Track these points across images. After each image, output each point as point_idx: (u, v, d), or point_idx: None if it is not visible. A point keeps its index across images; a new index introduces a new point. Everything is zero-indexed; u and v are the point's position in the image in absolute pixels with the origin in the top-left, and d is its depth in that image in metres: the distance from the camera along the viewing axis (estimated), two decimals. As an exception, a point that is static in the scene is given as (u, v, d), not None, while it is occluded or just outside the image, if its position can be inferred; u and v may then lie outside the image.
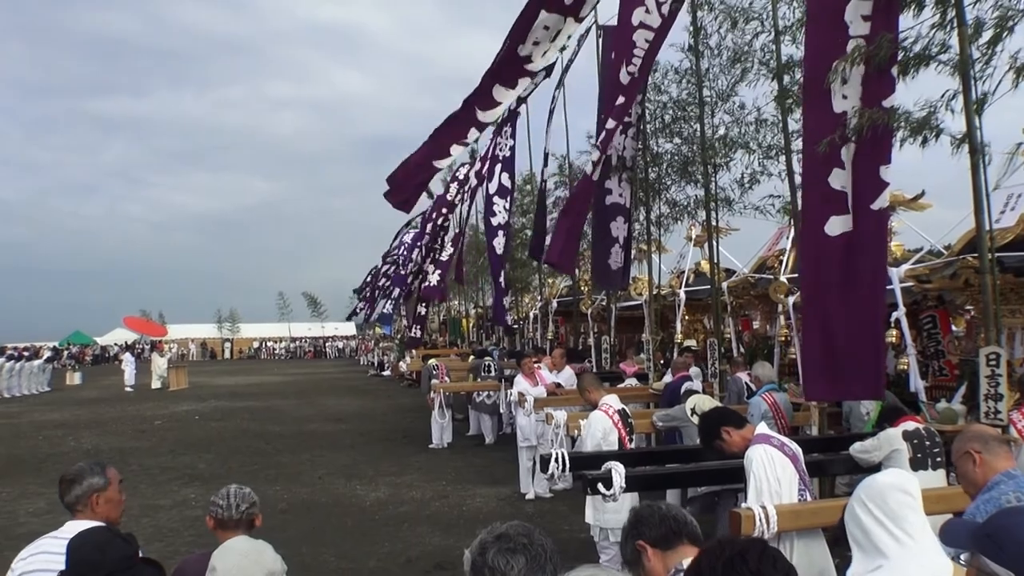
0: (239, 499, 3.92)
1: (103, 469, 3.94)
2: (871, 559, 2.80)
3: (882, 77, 6.40)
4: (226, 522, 3.87)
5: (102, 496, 3.84)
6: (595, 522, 7.48)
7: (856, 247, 6.56)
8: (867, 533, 2.83)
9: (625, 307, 17.23)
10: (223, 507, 3.90)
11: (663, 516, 3.09)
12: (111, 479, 3.92)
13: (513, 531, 2.31)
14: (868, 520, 2.83)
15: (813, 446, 7.24)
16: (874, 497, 2.86)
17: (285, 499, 11.84)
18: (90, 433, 20.00)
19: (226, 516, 3.87)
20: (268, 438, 18.28)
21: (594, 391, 8.25)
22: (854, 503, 2.92)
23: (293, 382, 37.78)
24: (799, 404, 9.51)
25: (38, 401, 30.69)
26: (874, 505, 2.83)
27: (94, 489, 3.83)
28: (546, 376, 12.87)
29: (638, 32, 10.21)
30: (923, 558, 2.75)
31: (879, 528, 2.80)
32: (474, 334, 35.29)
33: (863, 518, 2.85)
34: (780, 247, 15.13)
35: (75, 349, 64.86)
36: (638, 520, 3.12)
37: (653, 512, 3.12)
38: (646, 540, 3.05)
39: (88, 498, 3.82)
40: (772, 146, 10.87)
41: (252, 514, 3.93)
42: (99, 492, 3.84)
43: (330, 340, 78.06)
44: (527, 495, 11.59)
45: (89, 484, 3.83)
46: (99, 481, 3.86)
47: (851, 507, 2.94)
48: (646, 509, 3.16)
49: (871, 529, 2.81)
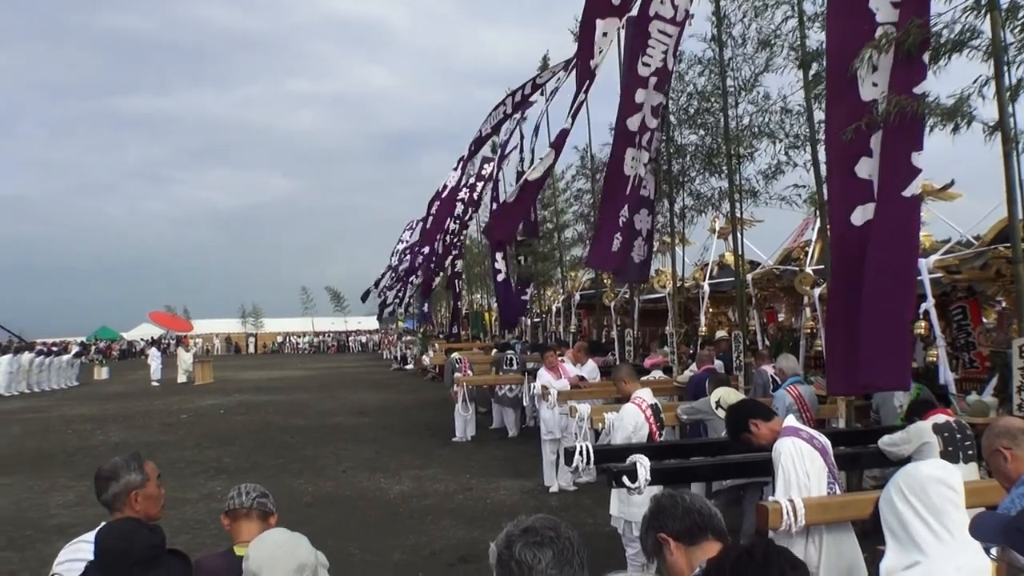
0: (248, 488, 3.87)
1: (140, 464, 3.73)
2: (907, 553, 2.67)
3: (912, 64, 6.28)
4: (238, 511, 3.80)
5: (140, 493, 3.64)
6: (620, 514, 7.43)
7: (884, 235, 6.43)
8: (905, 526, 2.70)
9: (648, 300, 17.16)
10: (234, 497, 3.84)
11: (687, 508, 2.95)
12: (149, 474, 3.72)
13: (540, 524, 2.27)
14: (907, 512, 2.70)
15: (841, 439, 7.15)
16: (915, 489, 2.72)
17: (310, 492, 11.88)
18: (118, 427, 20.15)
19: (238, 504, 3.80)
20: (292, 432, 18.35)
21: (629, 383, 8.12)
22: (892, 493, 2.79)
23: (317, 376, 37.93)
24: (825, 397, 9.42)
25: (67, 395, 30.98)
26: (915, 497, 2.70)
27: (132, 486, 3.63)
28: (569, 369, 12.82)
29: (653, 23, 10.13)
30: (962, 557, 2.61)
31: (918, 522, 2.67)
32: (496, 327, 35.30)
33: (902, 510, 2.72)
34: (805, 238, 15.02)
35: (102, 344, 65.43)
36: (660, 511, 2.99)
37: (676, 503, 2.98)
38: (668, 533, 2.93)
39: (127, 496, 3.62)
40: (798, 135, 10.74)
41: (264, 504, 3.84)
42: (137, 489, 3.64)
43: (353, 334, 78.36)
44: (551, 488, 11.56)
45: (127, 481, 3.63)
46: (137, 478, 3.65)
47: (889, 496, 2.81)
48: (668, 499, 3.02)
49: (909, 522, 2.69)
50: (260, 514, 3.82)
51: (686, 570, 2.84)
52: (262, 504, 3.84)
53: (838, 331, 6.88)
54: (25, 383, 32.52)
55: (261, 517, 3.81)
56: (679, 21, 10.21)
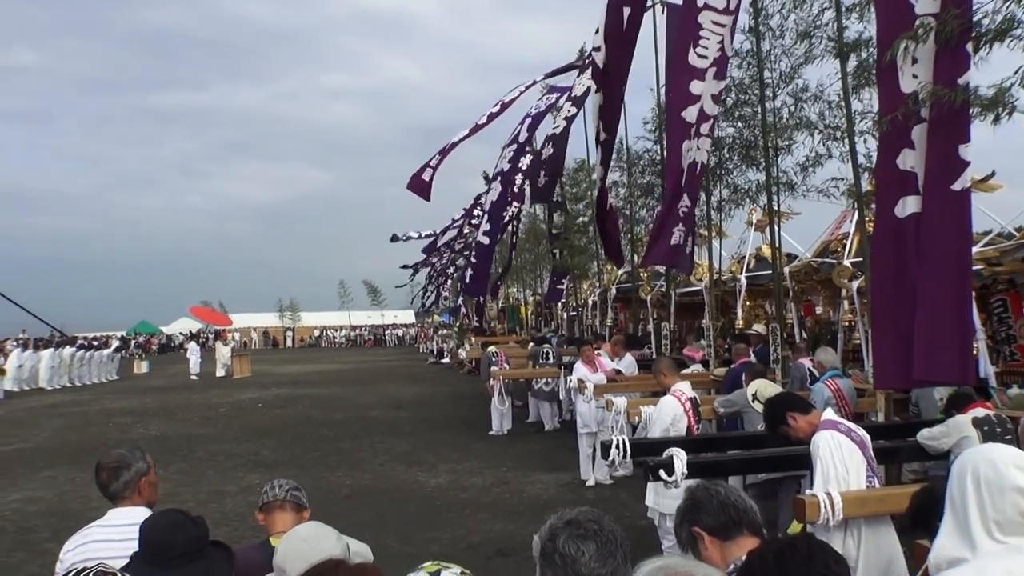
0: (282, 481, 3.96)
1: (142, 453, 3.98)
2: (958, 540, 2.51)
3: (955, 54, 6.20)
4: (272, 504, 3.87)
5: (146, 479, 3.87)
6: (655, 506, 7.44)
7: (935, 229, 6.35)
8: (967, 513, 2.52)
9: (685, 293, 17.11)
10: (267, 490, 3.92)
11: (722, 503, 2.92)
12: (150, 462, 3.96)
13: (583, 517, 2.28)
14: (974, 505, 2.51)
15: (879, 433, 7.10)
16: (992, 489, 2.50)
17: (347, 485, 11.97)
18: (157, 420, 20.40)
19: (271, 498, 3.88)
20: (330, 425, 18.49)
21: (669, 375, 8.10)
22: (969, 475, 2.57)
23: (354, 370, 38.14)
24: (863, 391, 9.35)
25: (107, 389, 31.40)
26: (988, 495, 2.50)
27: (141, 473, 3.86)
28: (606, 363, 12.81)
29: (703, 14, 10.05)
30: (1012, 560, 2.43)
31: (979, 519, 2.49)
32: (532, 321, 35.33)
33: (970, 500, 2.53)
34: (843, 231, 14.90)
35: (142, 338, 66.15)
36: (695, 504, 2.97)
37: (711, 497, 2.95)
38: (703, 527, 2.91)
39: (137, 483, 3.83)
40: (836, 127, 10.65)
41: (297, 497, 3.90)
42: (144, 476, 3.87)
43: (390, 328, 78.63)
44: (587, 482, 11.57)
45: (137, 470, 3.85)
46: (143, 465, 3.89)
47: (963, 473, 2.60)
48: (703, 492, 2.99)
49: (971, 515, 2.50)
50: (294, 506, 3.89)
51: (720, 565, 2.79)
52: (295, 497, 3.91)
53: (884, 323, 6.80)
54: (67, 377, 33.03)
55: (295, 509, 3.88)
56: (731, 10, 10.12)
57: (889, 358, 6.75)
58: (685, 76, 10.23)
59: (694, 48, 10.07)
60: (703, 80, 10.17)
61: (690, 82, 10.18)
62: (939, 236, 6.33)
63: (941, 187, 6.28)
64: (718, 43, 10.12)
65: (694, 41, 10.08)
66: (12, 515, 10.78)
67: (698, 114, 10.18)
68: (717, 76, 10.23)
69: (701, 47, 10.07)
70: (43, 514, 10.78)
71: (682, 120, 10.20)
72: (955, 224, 6.34)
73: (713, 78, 10.18)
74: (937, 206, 6.33)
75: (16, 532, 9.96)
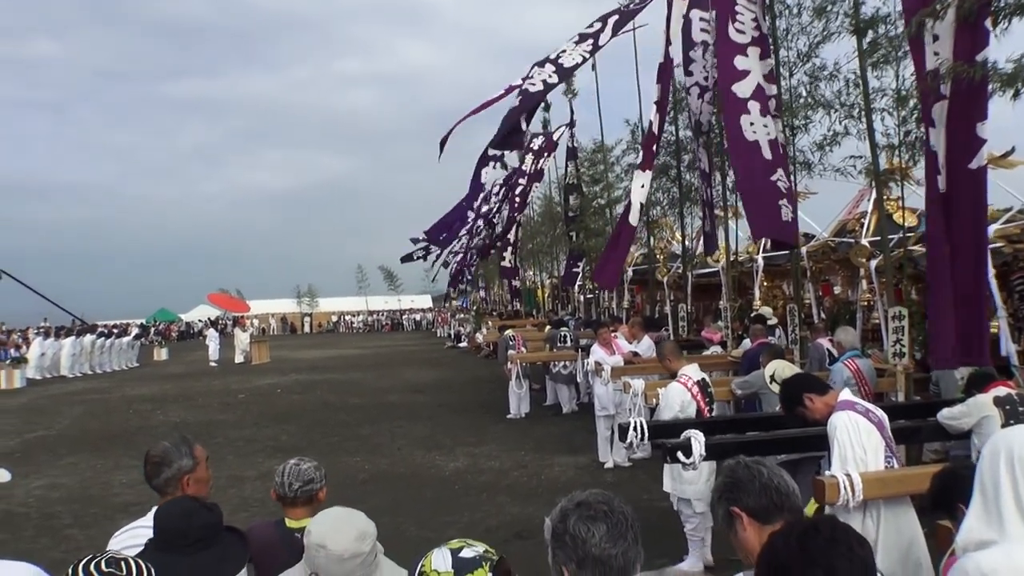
0: (292, 477, 3.87)
1: (191, 448, 3.73)
2: (988, 524, 2.45)
3: (974, 30, 6.13)
4: (284, 498, 3.86)
5: (191, 477, 3.66)
6: (672, 491, 7.43)
7: (953, 208, 6.30)
8: (998, 494, 2.45)
9: (702, 274, 17.05)
10: (278, 484, 3.89)
11: (764, 485, 2.80)
12: (199, 458, 3.73)
13: (593, 499, 2.27)
14: (1006, 482, 2.44)
15: (899, 413, 7.05)
16: None
17: (366, 470, 12.01)
18: (177, 407, 20.53)
19: (281, 493, 3.86)
20: (348, 410, 18.56)
21: (674, 360, 8.11)
22: (1002, 454, 2.49)
23: (371, 355, 38.23)
24: (883, 370, 9.30)
25: (127, 376, 31.60)
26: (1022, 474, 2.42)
27: (183, 471, 3.65)
28: (623, 345, 12.77)
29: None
30: None
31: (1012, 499, 2.42)
32: (549, 303, 35.32)
33: (1003, 478, 2.45)
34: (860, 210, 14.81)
35: (161, 326, 66.59)
36: (735, 483, 2.85)
37: (753, 477, 2.83)
38: (742, 508, 2.80)
39: (178, 480, 3.64)
40: (853, 104, 10.56)
41: (309, 491, 3.86)
42: (188, 473, 3.66)
43: (407, 313, 78.72)
44: (606, 464, 11.57)
45: (178, 467, 3.65)
46: (187, 463, 3.67)
47: (995, 454, 2.52)
48: (744, 472, 2.86)
49: (1004, 496, 2.43)
50: (305, 500, 3.87)
51: (758, 548, 2.61)
52: (307, 492, 3.87)
53: (937, 302, 6.75)
54: (87, 365, 33.26)
55: (307, 502, 3.87)
56: None
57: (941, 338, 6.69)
58: (730, 51, 10.20)
59: (732, 24, 10.06)
60: (746, 56, 10.14)
61: (734, 57, 10.14)
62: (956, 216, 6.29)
63: (960, 166, 6.23)
64: (753, 19, 10.09)
65: (731, 17, 10.07)
66: (35, 502, 10.87)
67: (754, 90, 10.11)
68: (763, 56, 10.20)
69: (739, 23, 10.04)
70: (65, 500, 10.87)
71: (734, 95, 10.13)
72: (971, 203, 6.30)
73: (759, 58, 10.16)
74: (957, 185, 6.28)
75: (39, 518, 10.05)
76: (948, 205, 6.38)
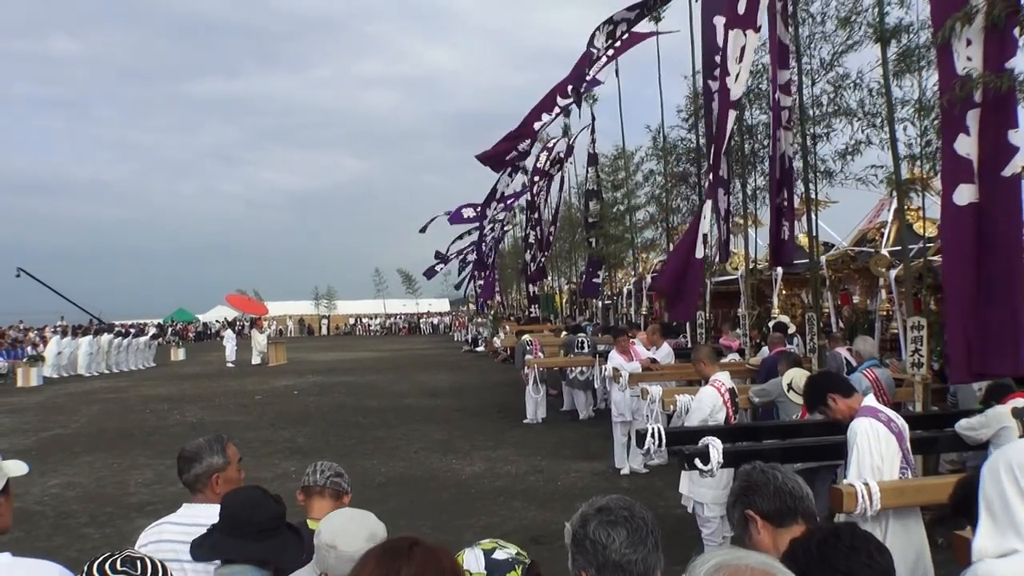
0: (324, 467, 3.95)
1: (223, 447, 3.68)
2: (1004, 536, 2.44)
3: (1003, 38, 6.12)
4: (312, 488, 3.89)
5: (222, 476, 3.60)
6: (689, 494, 7.42)
7: (987, 217, 6.26)
8: (1007, 505, 2.45)
9: (720, 282, 17.01)
10: (310, 474, 3.93)
11: (778, 489, 2.87)
12: (231, 458, 3.69)
13: (614, 504, 2.29)
14: (1012, 491, 2.44)
15: (917, 423, 7.03)
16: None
17: (383, 473, 12.04)
18: (194, 407, 20.61)
19: (311, 483, 3.90)
20: (365, 412, 18.59)
21: (708, 365, 8.04)
22: (1001, 467, 2.52)
23: (388, 358, 38.31)
24: (901, 380, 9.26)
25: (144, 376, 31.74)
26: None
27: (214, 469, 3.59)
28: (641, 352, 12.78)
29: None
30: None
31: (1023, 505, 2.42)
32: (567, 309, 35.27)
33: (1007, 488, 2.46)
34: (881, 219, 14.76)
35: (178, 326, 66.87)
36: (751, 487, 2.92)
37: (768, 481, 2.90)
38: (756, 511, 2.87)
39: (208, 478, 3.58)
40: (876, 114, 10.53)
41: (338, 484, 3.90)
42: (219, 472, 3.60)
43: (424, 316, 78.82)
44: (622, 470, 11.57)
45: (209, 464, 3.59)
46: (219, 461, 3.62)
47: (996, 469, 2.54)
48: (759, 476, 2.93)
49: (1012, 502, 2.44)
50: (333, 493, 3.89)
51: (772, 552, 2.71)
52: (335, 484, 3.91)
53: (955, 313, 6.69)
54: (104, 364, 33.47)
55: (334, 496, 3.89)
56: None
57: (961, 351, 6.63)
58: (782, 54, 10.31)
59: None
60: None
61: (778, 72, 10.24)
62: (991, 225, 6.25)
63: (994, 173, 6.20)
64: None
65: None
66: (51, 500, 10.94)
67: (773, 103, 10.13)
68: (781, 65, 10.21)
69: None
70: (81, 499, 10.94)
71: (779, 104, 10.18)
72: (1004, 212, 6.26)
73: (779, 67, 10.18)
74: (991, 194, 6.25)
75: (55, 517, 10.12)
76: (980, 213, 6.34)
